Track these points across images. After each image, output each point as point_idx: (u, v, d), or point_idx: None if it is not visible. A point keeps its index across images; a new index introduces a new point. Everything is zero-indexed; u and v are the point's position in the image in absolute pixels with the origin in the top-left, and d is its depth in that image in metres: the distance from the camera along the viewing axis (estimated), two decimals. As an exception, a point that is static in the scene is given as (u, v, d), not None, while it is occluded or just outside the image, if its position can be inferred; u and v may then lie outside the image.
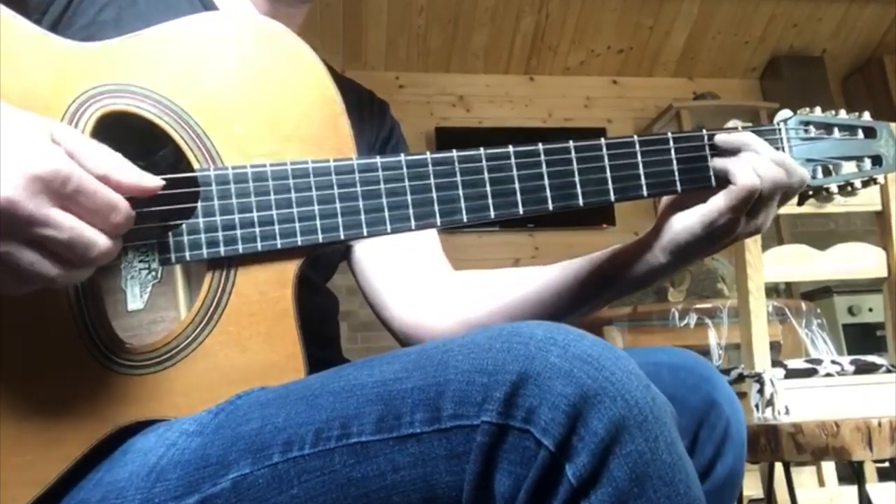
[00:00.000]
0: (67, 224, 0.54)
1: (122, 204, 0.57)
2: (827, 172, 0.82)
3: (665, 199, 0.79)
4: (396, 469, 0.53)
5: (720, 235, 0.75)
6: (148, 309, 0.68)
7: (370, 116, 1.00)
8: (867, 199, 1.71)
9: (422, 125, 4.16)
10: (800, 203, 0.84)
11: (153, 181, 0.60)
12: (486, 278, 0.92)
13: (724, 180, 0.75)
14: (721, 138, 0.76)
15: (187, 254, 0.66)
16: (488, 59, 4.26)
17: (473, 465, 0.51)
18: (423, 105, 4.23)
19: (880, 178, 0.84)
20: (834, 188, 0.83)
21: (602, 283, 0.83)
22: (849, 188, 0.84)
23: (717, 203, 0.74)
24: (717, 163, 0.76)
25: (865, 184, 0.84)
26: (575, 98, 4.44)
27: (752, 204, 0.74)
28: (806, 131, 0.82)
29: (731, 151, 0.75)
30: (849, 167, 0.83)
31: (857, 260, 1.73)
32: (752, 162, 0.74)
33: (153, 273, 0.68)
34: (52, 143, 0.55)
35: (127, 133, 0.67)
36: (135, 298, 0.68)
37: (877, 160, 0.84)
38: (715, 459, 0.76)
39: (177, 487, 0.58)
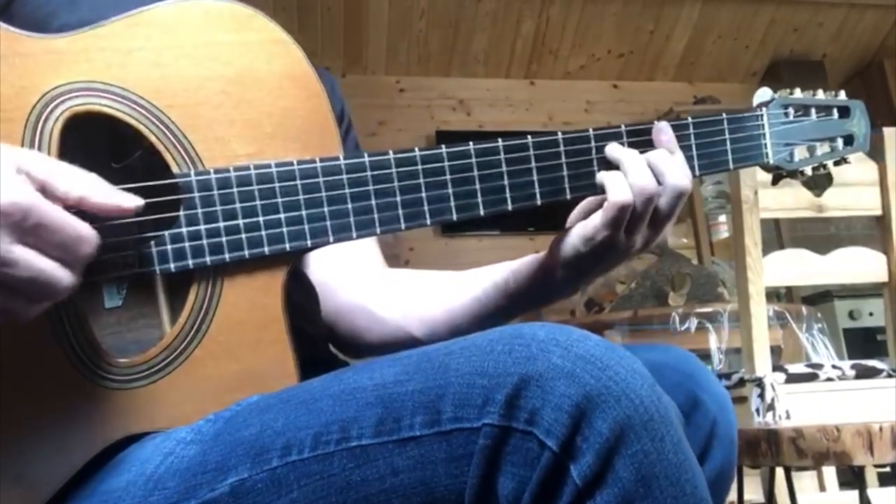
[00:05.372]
0: (27, 262, 0.51)
1: (90, 235, 0.54)
2: (802, 154, 0.84)
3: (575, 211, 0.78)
4: (396, 472, 0.53)
5: (601, 252, 0.73)
6: (125, 306, 0.66)
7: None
8: (868, 204, 1.71)
9: (422, 129, 4.15)
10: (774, 182, 0.86)
11: (132, 200, 0.57)
12: (420, 280, 0.92)
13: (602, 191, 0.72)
14: (607, 150, 0.74)
15: (172, 265, 0.63)
16: (489, 63, 4.26)
17: (476, 468, 0.51)
18: (423, 109, 4.23)
19: (850, 158, 0.86)
20: (808, 170, 0.84)
21: (505, 297, 0.84)
22: (821, 168, 0.85)
23: (594, 219, 0.72)
24: (602, 174, 0.73)
25: (837, 163, 0.86)
26: (575, 102, 4.43)
27: (628, 219, 0.71)
28: (786, 115, 0.83)
29: (614, 164, 0.73)
30: (823, 148, 0.85)
31: (857, 264, 1.73)
32: (629, 175, 0.71)
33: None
34: (16, 175, 0.51)
35: (98, 135, 0.64)
36: (112, 296, 0.65)
37: (849, 140, 0.86)
38: (700, 460, 0.74)
39: (174, 494, 0.57)
